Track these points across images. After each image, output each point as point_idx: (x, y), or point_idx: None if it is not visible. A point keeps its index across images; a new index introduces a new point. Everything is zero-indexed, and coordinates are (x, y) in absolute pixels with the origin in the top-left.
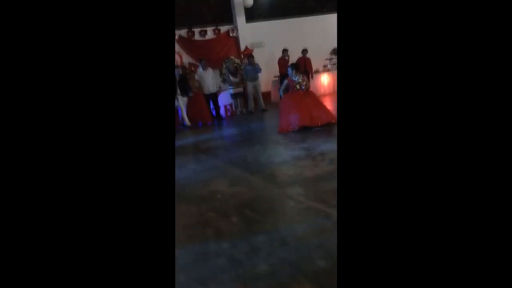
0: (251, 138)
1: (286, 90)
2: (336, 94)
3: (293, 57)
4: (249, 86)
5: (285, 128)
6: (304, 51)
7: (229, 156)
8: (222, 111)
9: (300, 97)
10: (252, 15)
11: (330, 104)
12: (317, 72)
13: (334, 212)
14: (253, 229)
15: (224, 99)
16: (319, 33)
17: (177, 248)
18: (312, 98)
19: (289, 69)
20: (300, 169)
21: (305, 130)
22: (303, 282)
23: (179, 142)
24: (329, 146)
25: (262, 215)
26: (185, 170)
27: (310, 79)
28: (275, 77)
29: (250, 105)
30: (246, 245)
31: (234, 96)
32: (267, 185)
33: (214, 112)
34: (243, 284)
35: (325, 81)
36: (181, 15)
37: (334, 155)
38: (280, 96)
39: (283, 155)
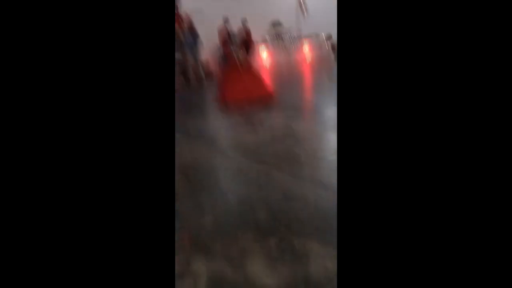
0: (190, 107)
1: (224, 60)
2: (272, 68)
3: (233, 27)
4: (189, 57)
5: (223, 99)
6: (245, 21)
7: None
8: None
9: (239, 76)
10: None
11: (267, 78)
12: (256, 43)
13: (275, 172)
14: (196, 186)
15: None
16: (259, 3)
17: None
18: (251, 77)
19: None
20: (239, 135)
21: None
22: (246, 231)
23: None
24: (266, 114)
25: (205, 174)
26: None
27: (250, 52)
28: (217, 46)
29: (189, 73)
30: (189, 201)
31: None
32: (208, 148)
33: None
34: (187, 233)
35: (263, 54)
36: None
37: (272, 122)
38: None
39: (223, 122)
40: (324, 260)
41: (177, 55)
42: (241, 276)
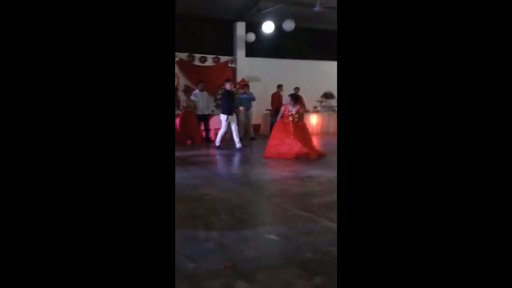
0: (239, 158)
1: (281, 117)
2: (322, 135)
3: (286, 94)
4: (241, 114)
5: (271, 153)
6: (297, 89)
7: (217, 169)
8: (211, 134)
9: (292, 128)
10: (251, 51)
11: (316, 142)
12: (307, 112)
13: (322, 220)
14: (242, 225)
15: (215, 123)
16: (312, 77)
17: None
18: (302, 132)
19: (288, 99)
20: (287, 186)
21: (289, 159)
22: (291, 267)
23: None
24: (316, 171)
25: (251, 215)
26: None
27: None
28: (266, 110)
29: (240, 131)
30: (235, 236)
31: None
32: (256, 195)
33: (204, 134)
34: (231, 262)
35: (314, 121)
36: (184, 41)
37: (321, 179)
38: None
39: (271, 174)
40: None
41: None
42: None
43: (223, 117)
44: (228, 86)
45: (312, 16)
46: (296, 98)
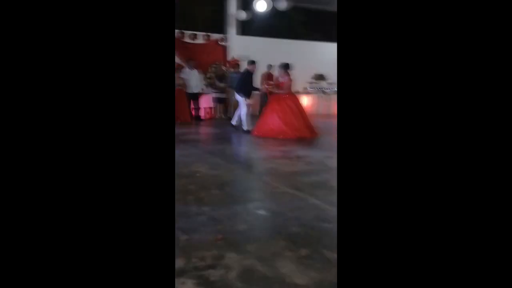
0: (229, 137)
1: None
2: (313, 116)
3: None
4: (232, 93)
5: (261, 132)
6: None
7: (208, 148)
8: (201, 112)
9: (285, 103)
10: (243, 29)
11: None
12: (298, 93)
13: (310, 198)
14: (232, 200)
15: (205, 101)
16: (304, 57)
17: None
18: (295, 107)
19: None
20: (277, 165)
21: (280, 138)
22: (279, 240)
23: None
24: (305, 152)
25: (241, 191)
26: None
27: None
28: (255, 88)
29: (230, 111)
30: (226, 210)
31: (216, 100)
32: (246, 173)
33: (193, 112)
34: (222, 234)
35: (304, 102)
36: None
37: (310, 159)
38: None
39: (261, 152)
40: None
41: (221, 94)
42: (271, 273)
43: (240, 98)
44: (251, 68)
45: None
46: (286, 66)
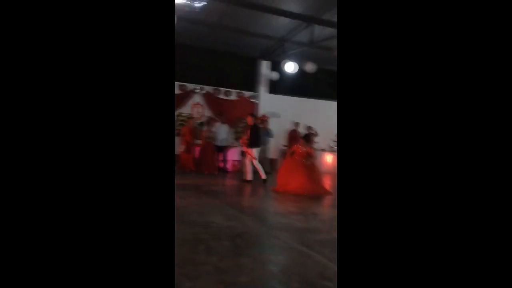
0: (251, 191)
1: (292, 153)
2: (336, 174)
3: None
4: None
5: (280, 188)
6: (309, 128)
7: (227, 199)
8: (228, 165)
9: (301, 165)
10: (273, 88)
11: (329, 180)
12: (323, 151)
13: (317, 256)
14: (240, 252)
15: (232, 154)
16: (329, 116)
17: None
18: (311, 169)
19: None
20: (291, 220)
21: (298, 194)
22: None
23: (182, 181)
24: (321, 209)
25: (251, 244)
26: (183, 202)
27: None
28: (283, 146)
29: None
30: (231, 261)
31: (242, 154)
32: (259, 226)
33: (220, 164)
34: (225, 286)
35: (329, 160)
36: (211, 74)
37: (324, 217)
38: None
39: (277, 207)
40: None
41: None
42: None
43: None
44: (256, 121)
45: (334, 59)
46: (307, 139)
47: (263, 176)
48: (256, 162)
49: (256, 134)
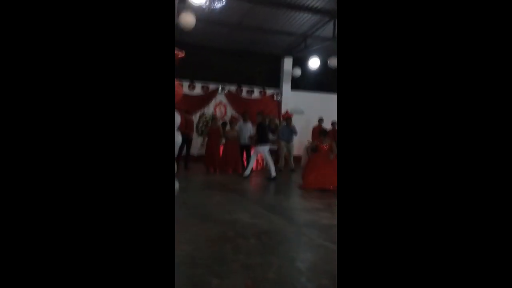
0: (276, 188)
1: (314, 150)
2: None
3: (326, 127)
4: (283, 145)
5: (307, 185)
6: (334, 124)
7: (252, 197)
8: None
9: (324, 161)
10: (297, 84)
11: None
12: None
13: None
14: (267, 250)
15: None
16: None
17: (197, 250)
18: (334, 164)
19: (321, 135)
20: (317, 217)
21: (324, 190)
22: None
23: (208, 179)
24: None
25: (277, 242)
26: (211, 200)
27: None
28: (308, 141)
29: (280, 163)
30: (259, 258)
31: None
32: (285, 223)
33: (245, 163)
34: (253, 282)
35: None
36: (233, 73)
37: None
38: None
39: (304, 204)
40: None
41: (272, 146)
42: None
43: (262, 148)
44: (261, 119)
45: None
46: (323, 134)
47: (273, 173)
48: (268, 159)
49: (263, 131)
